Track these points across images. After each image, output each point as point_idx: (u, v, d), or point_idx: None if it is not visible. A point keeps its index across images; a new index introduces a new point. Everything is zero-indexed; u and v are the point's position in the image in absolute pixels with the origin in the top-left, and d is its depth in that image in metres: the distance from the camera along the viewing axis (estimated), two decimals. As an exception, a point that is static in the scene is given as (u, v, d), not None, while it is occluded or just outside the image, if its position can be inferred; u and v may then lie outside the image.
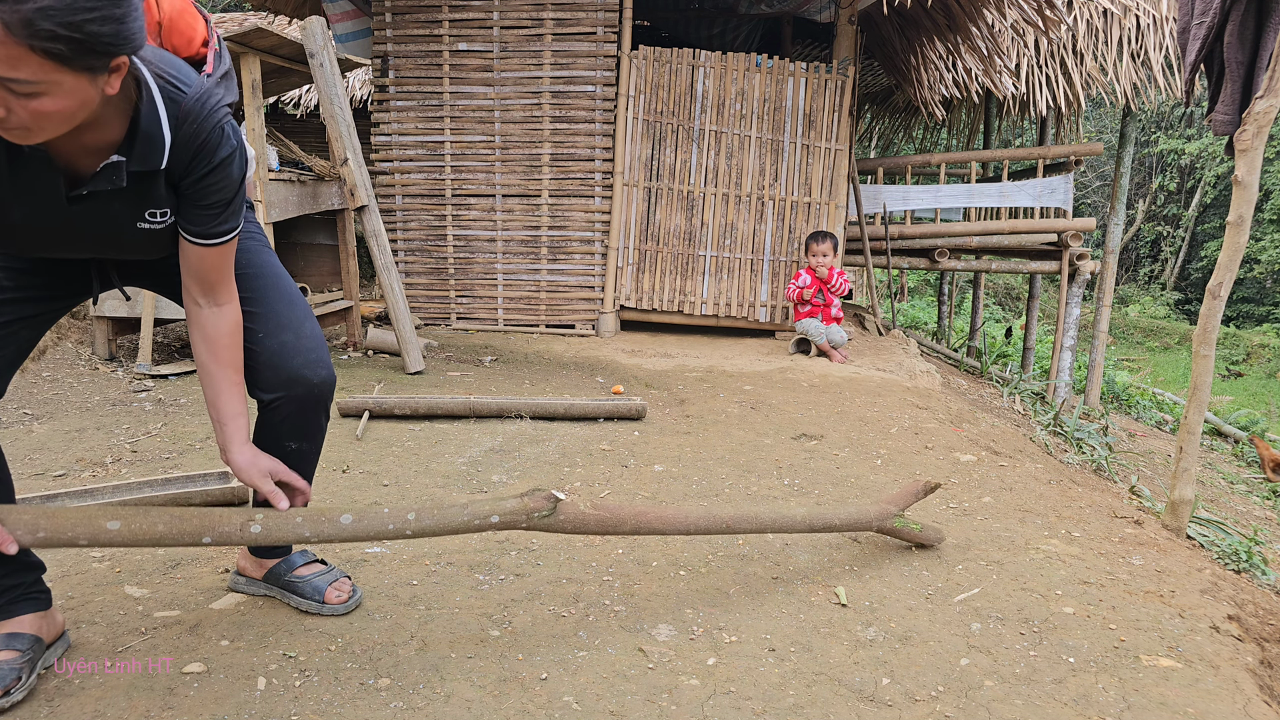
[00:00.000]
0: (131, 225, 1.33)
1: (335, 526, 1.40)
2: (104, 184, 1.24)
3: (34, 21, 0.96)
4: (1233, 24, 2.53)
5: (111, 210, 1.30)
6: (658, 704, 1.44)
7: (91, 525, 1.26)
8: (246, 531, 1.34)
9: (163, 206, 1.33)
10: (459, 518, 1.49)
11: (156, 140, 1.24)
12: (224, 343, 1.42)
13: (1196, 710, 1.49)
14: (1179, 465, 2.54)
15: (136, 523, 1.28)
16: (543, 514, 1.53)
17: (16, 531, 1.21)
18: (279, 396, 1.52)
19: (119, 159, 1.22)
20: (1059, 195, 6.18)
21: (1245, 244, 2.41)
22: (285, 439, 1.57)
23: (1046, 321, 14.45)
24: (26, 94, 1.02)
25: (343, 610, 1.68)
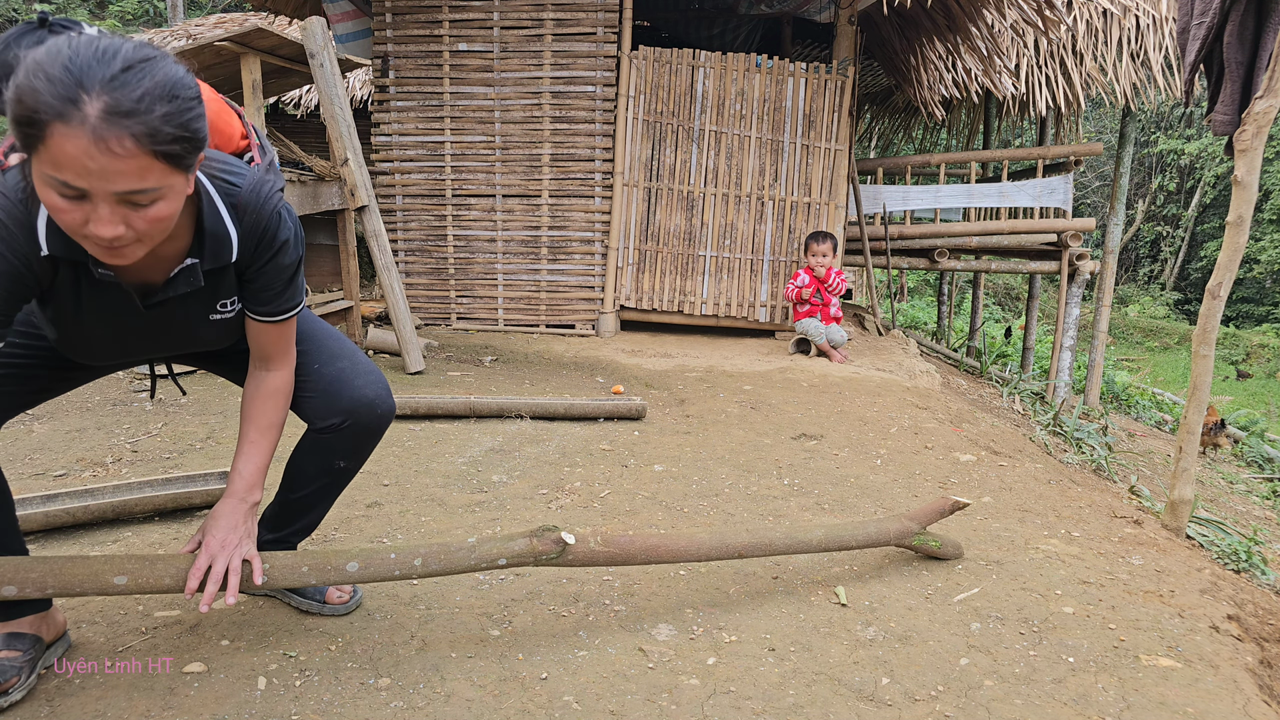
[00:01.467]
0: (205, 319, 1.37)
1: (341, 574, 1.43)
2: (182, 287, 1.27)
3: (159, 129, 0.99)
4: (1232, 24, 2.53)
5: (186, 309, 1.34)
6: (658, 704, 1.44)
7: (99, 580, 1.29)
8: (252, 581, 1.37)
9: (231, 295, 1.37)
10: (466, 560, 1.50)
11: (223, 237, 1.27)
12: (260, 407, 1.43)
13: (1196, 710, 1.50)
14: (1178, 465, 2.54)
15: (143, 575, 1.31)
16: (551, 556, 1.54)
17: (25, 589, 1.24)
18: (340, 421, 1.52)
19: (193, 261, 1.26)
20: (1058, 195, 6.18)
21: (1245, 244, 2.41)
22: (337, 457, 1.57)
23: (1046, 321, 14.45)
24: (147, 203, 1.05)
25: (343, 610, 1.69)
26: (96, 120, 0.96)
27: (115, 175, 0.99)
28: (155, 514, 2.14)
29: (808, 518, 2.34)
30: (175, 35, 9.03)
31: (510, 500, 2.37)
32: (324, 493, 1.63)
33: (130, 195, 1.02)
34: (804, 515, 2.36)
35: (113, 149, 0.97)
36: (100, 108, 0.96)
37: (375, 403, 1.53)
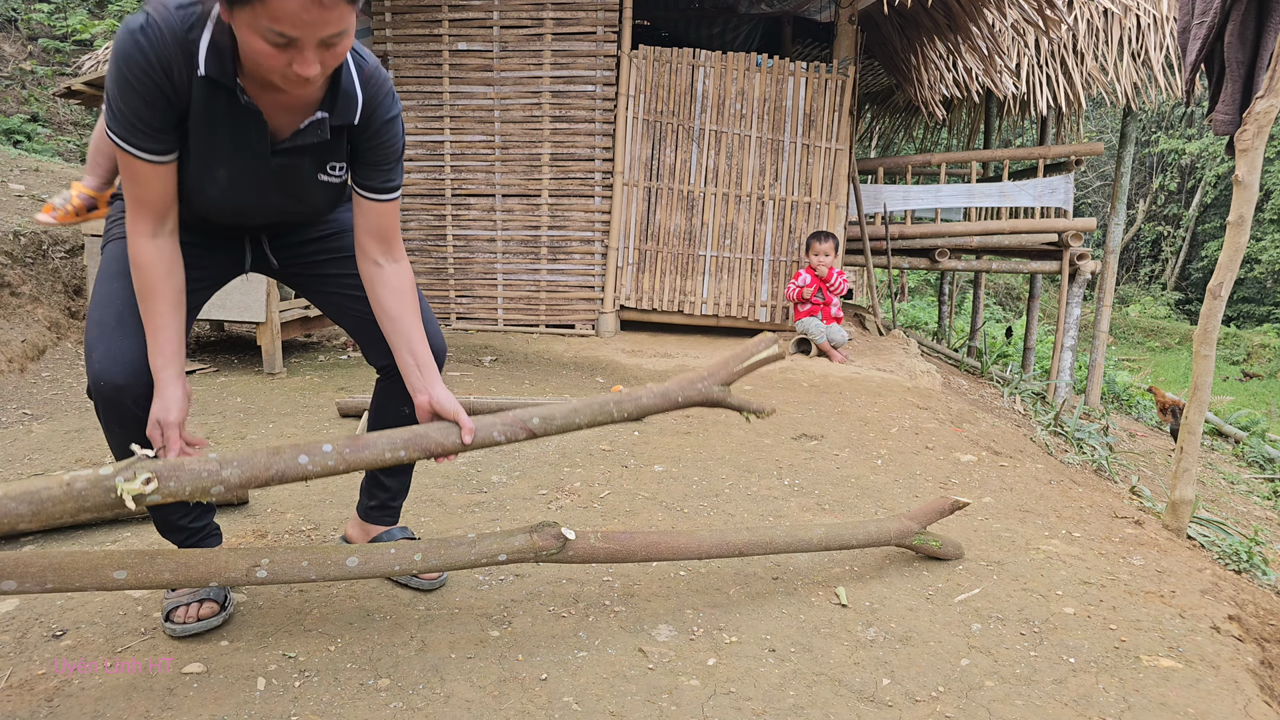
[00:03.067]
0: (314, 178, 1.49)
1: (341, 569, 1.43)
2: (310, 137, 1.40)
3: None
4: (1233, 24, 2.52)
5: (302, 164, 1.46)
6: (658, 704, 1.44)
7: (99, 575, 1.28)
8: (253, 576, 1.37)
9: (341, 161, 1.50)
10: (465, 556, 1.50)
11: (352, 97, 1.40)
12: (410, 294, 1.55)
13: (1197, 710, 1.49)
14: (1179, 465, 2.54)
15: (143, 570, 1.31)
16: (551, 551, 1.54)
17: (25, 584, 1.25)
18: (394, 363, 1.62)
19: (323, 115, 1.38)
20: (1059, 195, 6.17)
21: (1246, 244, 2.41)
22: (403, 405, 1.67)
23: (1047, 321, 14.45)
24: (338, 43, 1.21)
25: (427, 586, 1.78)
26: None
27: (324, 24, 1.16)
28: (155, 514, 2.13)
29: (808, 518, 2.33)
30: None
31: (510, 501, 2.37)
32: None
33: (330, 38, 1.19)
34: (804, 515, 2.35)
35: (324, 3, 1.13)
36: None
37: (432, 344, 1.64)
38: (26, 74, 10.75)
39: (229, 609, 1.63)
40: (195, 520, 1.66)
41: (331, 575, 1.42)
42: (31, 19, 11.32)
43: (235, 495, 2.20)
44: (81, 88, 4.13)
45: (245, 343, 4.40)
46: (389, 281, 1.54)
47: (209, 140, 1.36)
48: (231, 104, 1.33)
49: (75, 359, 3.83)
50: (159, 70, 1.26)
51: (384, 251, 1.55)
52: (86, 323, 1.49)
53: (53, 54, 11.14)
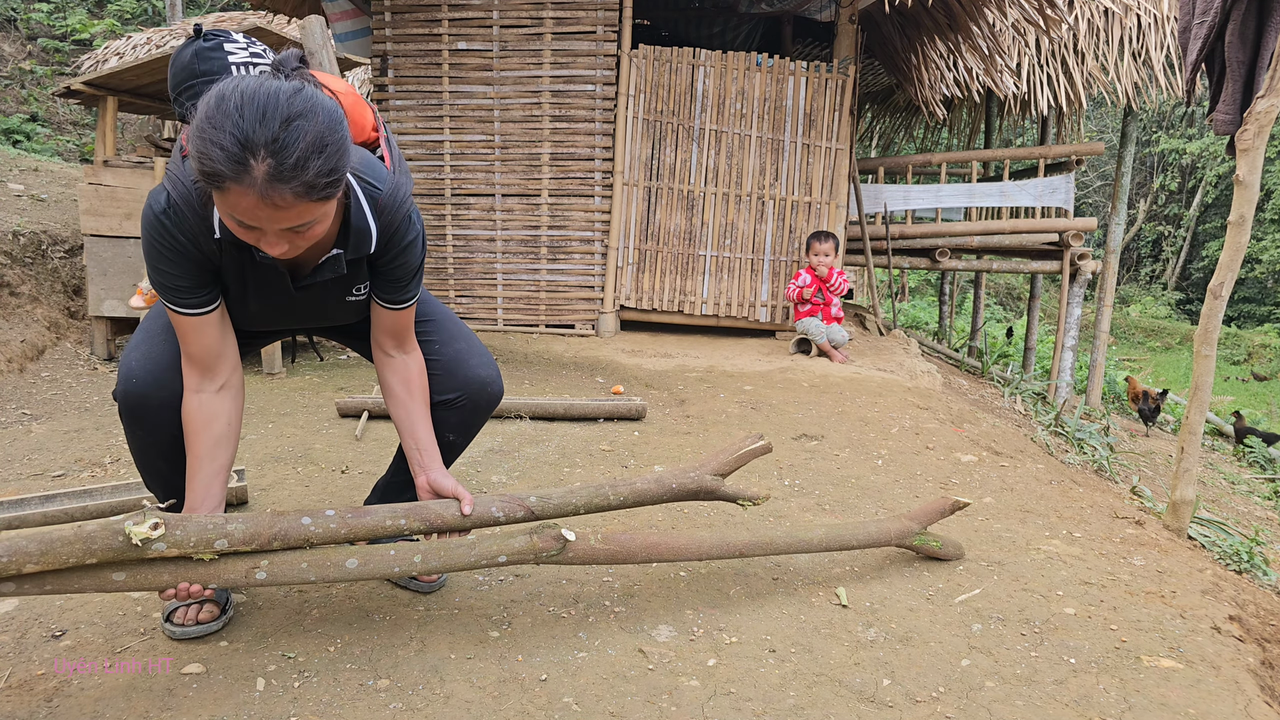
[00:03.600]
0: (341, 300, 1.59)
1: (340, 570, 1.43)
2: (327, 274, 1.48)
3: (314, 183, 1.18)
4: (1234, 23, 2.52)
5: (327, 291, 1.55)
6: (658, 705, 1.44)
7: (98, 577, 1.29)
8: (252, 578, 1.37)
9: (365, 282, 1.58)
10: (465, 557, 1.50)
11: (365, 232, 1.46)
12: (418, 382, 1.64)
13: (1198, 711, 1.49)
14: (1180, 465, 2.54)
15: (141, 574, 1.31)
16: (551, 553, 1.54)
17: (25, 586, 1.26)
18: (455, 397, 1.71)
19: (338, 252, 1.46)
20: (1060, 195, 6.17)
21: (1246, 244, 2.40)
22: (448, 432, 1.73)
23: (1047, 321, 14.44)
24: (307, 230, 1.26)
25: (428, 588, 1.79)
26: (263, 183, 1.15)
27: (279, 219, 1.21)
28: (154, 514, 2.13)
29: (808, 518, 2.33)
30: (174, 34, 9.02)
31: (510, 500, 2.36)
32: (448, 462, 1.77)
33: (295, 228, 1.24)
34: (805, 516, 2.35)
35: (276, 203, 1.18)
36: (265, 171, 1.15)
37: (488, 382, 1.73)
38: (26, 74, 10.75)
39: (229, 612, 1.63)
40: None
41: (331, 577, 1.42)
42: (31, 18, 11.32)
43: (235, 497, 2.20)
44: (81, 88, 4.13)
45: (245, 342, 4.39)
46: (398, 370, 1.63)
47: (238, 284, 1.49)
48: (251, 258, 1.44)
49: (74, 359, 3.83)
50: (186, 244, 1.38)
51: (396, 346, 1.64)
52: (137, 329, 1.59)
53: (52, 53, 11.14)
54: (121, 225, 3.85)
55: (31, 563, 1.22)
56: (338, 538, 1.42)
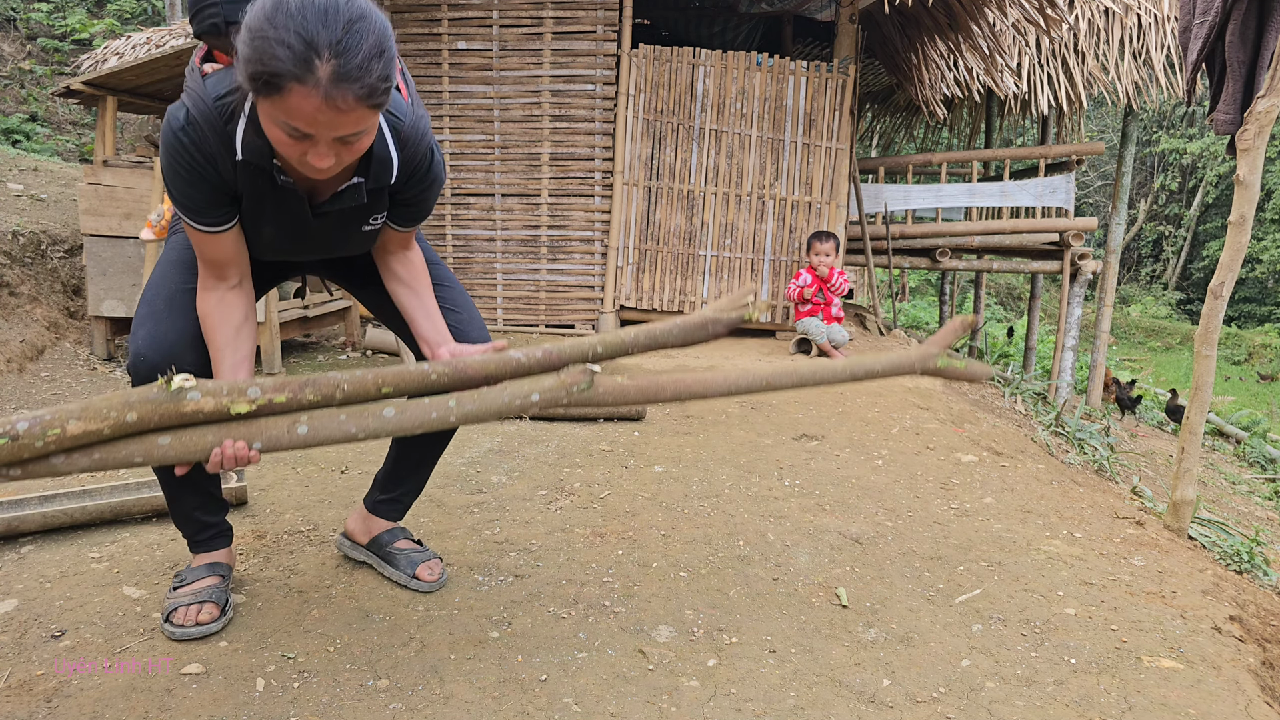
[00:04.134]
0: (357, 230, 1.56)
1: (379, 420, 1.37)
2: (347, 202, 1.46)
3: (375, 86, 1.17)
4: (1234, 23, 2.52)
5: (345, 219, 1.53)
6: (658, 705, 1.43)
7: (144, 443, 1.26)
8: (294, 433, 1.33)
9: (382, 212, 1.56)
10: (499, 400, 1.45)
11: (387, 162, 1.45)
12: (420, 268, 1.66)
13: (1198, 711, 1.49)
14: (1181, 466, 2.53)
15: (185, 437, 1.28)
16: (581, 387, 1.47)
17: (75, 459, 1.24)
18: None
19: (359, 181, 1.44)
20: (1060, 195, 6.17)
21: (1247, 244, 2.40)
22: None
23: (1048, 321, 14.44)
24: (355, 142, 1.25)
25: (427, 588, 1.79)
26: (328, 84, 1.13)
27: (339, 125, 1.19)
28: (153, 514, 2.13)
29: (809, 518, 2.33)
30: (174, 34, 9.02)
31: (509, 501, 2.36)
32: (428, 449, 1.80)
33: (346, 137, 1.23)
34: (805, 516, 2.35)
35: (339, 106, 1.16)
36: (330, 71, 1.13)
37: None
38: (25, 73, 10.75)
39: (229, 614, 1.63)
40: (209, 515, 1.69)
41: (370, 427, 1.36)
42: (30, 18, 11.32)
43: (235, 497, 2.20)
44: (80, 87, 4.13)
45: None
46: (403, 261, 1.66)
47: (256, 208, 1.46)
48: (271, 182, 1.42)
49: (74, 359, 3.83)
50: (203, 162, 1.36)
51: (401, 248, 1.67)
52: (139, 302, 1.57)
53: (52, 53, 11.14)
54: (121, 225, 3.85)
55: (74, 419, 1.20)
56: (368, 384, 1.37)
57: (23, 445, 1.20)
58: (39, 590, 1.73)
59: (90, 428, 1.23)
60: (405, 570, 1.81)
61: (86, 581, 1.78)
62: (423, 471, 1.88)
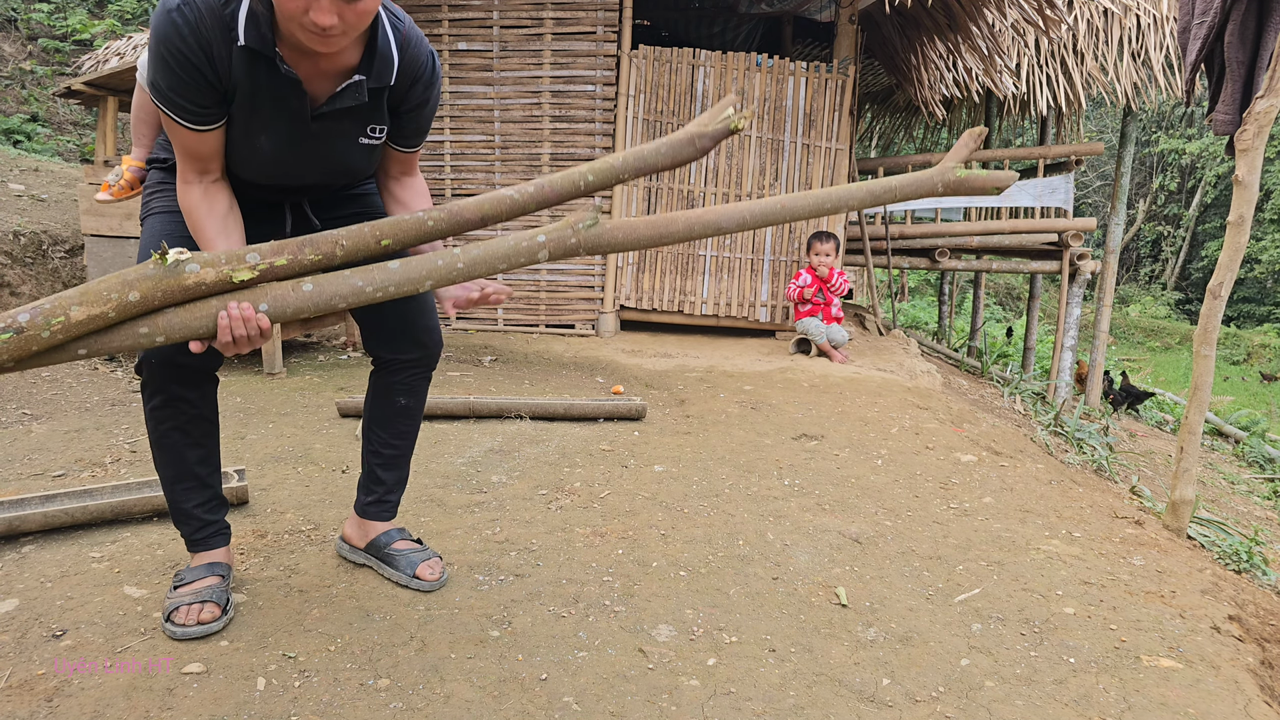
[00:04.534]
0: (356, 141, 1.53)
1: (385, 273, 1.37)
2: (348, 100, 1.43)
3: None
4: (1233, 23, 2.52)
5: (343, 127, 1.50)
6: (658, 704, 1.44)
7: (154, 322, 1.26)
8: (300, 291, 1.32)
9: (383, 123, 1.53)
10: (504, 246, 1.43)
11: (388, 59, 1.45)
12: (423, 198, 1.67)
13: (1197, 711, 1.49)
14: (1180, 465, 2.54)
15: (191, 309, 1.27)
16: (587, 224, 1.45)
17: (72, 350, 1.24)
18: (396, 357, 1.74)
19: (360, 78, 1.43)
20: (1060, 195, 6.17)
21: (1246, 244, 2.41)
22: (397, 395, 1.78)
23: (1047, 321, 14.45)
24: (358, 2, 1.25)
25: (428, 587, 1.79)
26: None
27: None
28: (154, 514, 2.13)
29: (808, 518, 2.33)
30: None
31: (510, 501, 2.37)
32: (401, 440, 1.83)
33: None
34: (804, 515, 2.35)
35: None
36: None
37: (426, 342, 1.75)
38: (26, 74, 10.75)
39: (229, 613, 1.63)
40: (209, 512, 1.69)
41: (378, 280, 1.35)
42: (31, 19, 11.32)
43: (235, 496, 2.20)
44: (81, 88, 4.13)
45: (245, 343, 4.40)
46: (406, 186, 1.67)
47: (251, 109, 1.41)
48: (271, 73, 1.37)
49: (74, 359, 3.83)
50: (196, 50, 1.30)
51: (404, 173, 1.68)
52: None
53: (52, 54, 11.13)
54: (122, 225, 3.85)
55: (76, 304, 1.19)
56: (366, 237, 1.37)
57: (29, 337, 1.18)
58: (40, 590, 1.74)
59: (94, 312, 1.21)
60: (405, 571, 1.81)
61: (87, 581, 1.78)
62: (399, 466, 1.87)
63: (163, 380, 1.52)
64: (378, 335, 1.74)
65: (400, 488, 1.90)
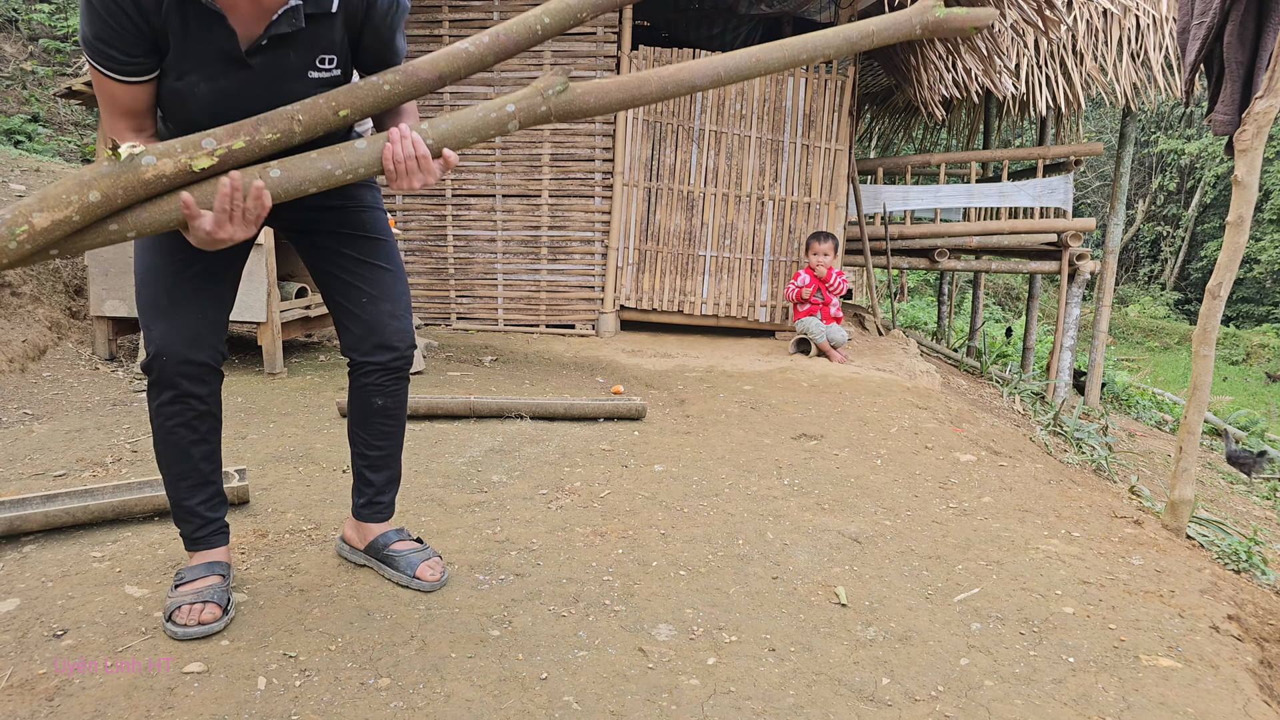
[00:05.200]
0: (304, 75, 1.43)
1: (353, 153, 1.35)
2: (284, 27, 1.34)
3: None
4: (1232, 24, 2.53)
5: (287, 62, 1.40)
6: (658, 704, 1.44)
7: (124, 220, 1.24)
8: (268, 175, 1.31)
9: (333, 53, 1.44)
10: (473, 118, 1.40)
11: None
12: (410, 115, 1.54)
13: (1196, 710, 1.50)
14: (1179, 465, 2.54)
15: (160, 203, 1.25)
16: (557, 90, 1.41)
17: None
18: (367, 360, 1.71)
19: (296, 3, 1.34)
20: (1059, 195, 6.18)
21: (1245, 244, 2.41)
22: (373, 397, 1.75)
23: (1046, 321, 14.45)
24: None
25: (429, 587, 1.78)
26: None
27: None
28: (155, 514, 2.14)
29: (808, 517, 2.34)
30: (175, 35, 9.02)
31: (510, 500, 2.37)
32: (383, 441, 1.81)
33: None
34: (804, 515, 2.36)
35: None
36: None
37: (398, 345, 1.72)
38: (27, 74, 10.75)
39: (230, 613, 1.63)
40: (211, 510, 1.70)
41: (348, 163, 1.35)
42: (32, 19, 11.31)
43: (236, 496, 2.20)
44: (82, 88, 4.14)
45: (246, 343, 4.40)
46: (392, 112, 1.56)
47: (182, 52, 1.34)
48: (198, 11, 1.32)
49: (76, 359, 3.83)
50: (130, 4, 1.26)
51: None
52: (138, 301, 1.55)
53: (53, 54, 11.13)
54: (122, 225, 3.84)
55: (36, 211, 1.18)
56: (322, 109, 1.34)
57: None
58: (41, 589, 1.74)
59: (58, 216, 1.19)
60: (405, 571, 1.80)
61: (88, 581, 1.78)
62: (387, 466, 1.85)
63: (171, 376, 1.52)
64: (348, 336, 1.72)
65: (392, 487, 1.89)
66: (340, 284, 1.70)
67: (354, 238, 1.69)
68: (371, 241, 1.70)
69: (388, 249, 1.73)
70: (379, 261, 1.70)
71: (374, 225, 1.72)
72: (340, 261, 1.69)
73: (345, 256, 1.69)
